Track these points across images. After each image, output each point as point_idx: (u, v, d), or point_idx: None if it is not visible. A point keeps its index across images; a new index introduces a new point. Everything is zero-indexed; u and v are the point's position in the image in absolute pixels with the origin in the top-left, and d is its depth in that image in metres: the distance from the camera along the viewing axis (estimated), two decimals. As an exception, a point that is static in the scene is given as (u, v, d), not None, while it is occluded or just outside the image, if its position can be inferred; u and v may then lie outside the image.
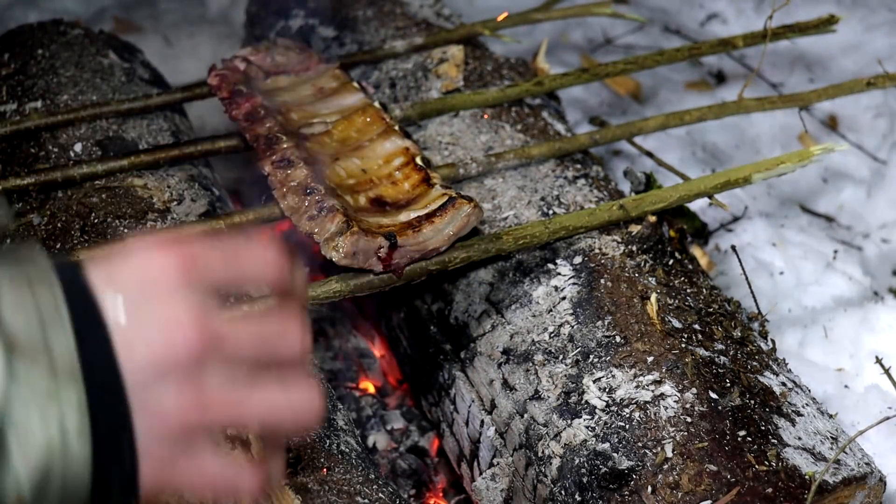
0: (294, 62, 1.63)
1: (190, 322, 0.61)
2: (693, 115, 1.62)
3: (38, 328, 0.58)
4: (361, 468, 1.13)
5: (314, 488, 1.04)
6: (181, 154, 1.47)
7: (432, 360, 1.39)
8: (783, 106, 1.71)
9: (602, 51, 2.54)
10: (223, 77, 1.53)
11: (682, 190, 1.38)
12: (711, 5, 2.73)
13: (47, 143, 1.51)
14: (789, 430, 1.14)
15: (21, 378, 0.57)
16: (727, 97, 2.26)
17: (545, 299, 1.29)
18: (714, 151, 2.18)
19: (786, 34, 1.75)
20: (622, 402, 1.15)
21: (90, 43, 1.77)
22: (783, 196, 2.06)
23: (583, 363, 1.21)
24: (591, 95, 2.32)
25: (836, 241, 1.94)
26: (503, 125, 1.57)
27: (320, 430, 1.15)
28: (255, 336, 0.65)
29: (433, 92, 1.66)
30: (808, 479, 1.08)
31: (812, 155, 1.41)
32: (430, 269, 1.28)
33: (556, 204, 1.41)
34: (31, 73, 1.67)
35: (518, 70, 1.75)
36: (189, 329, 0.61)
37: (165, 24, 2.58)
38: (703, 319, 1.26)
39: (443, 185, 1.33)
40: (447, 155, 1.53)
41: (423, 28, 1.84)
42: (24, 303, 0.59)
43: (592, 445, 1.13)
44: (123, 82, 1.69)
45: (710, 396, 1.15)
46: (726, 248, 1.83)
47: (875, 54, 2.38)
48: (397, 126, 1.45)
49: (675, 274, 1.33)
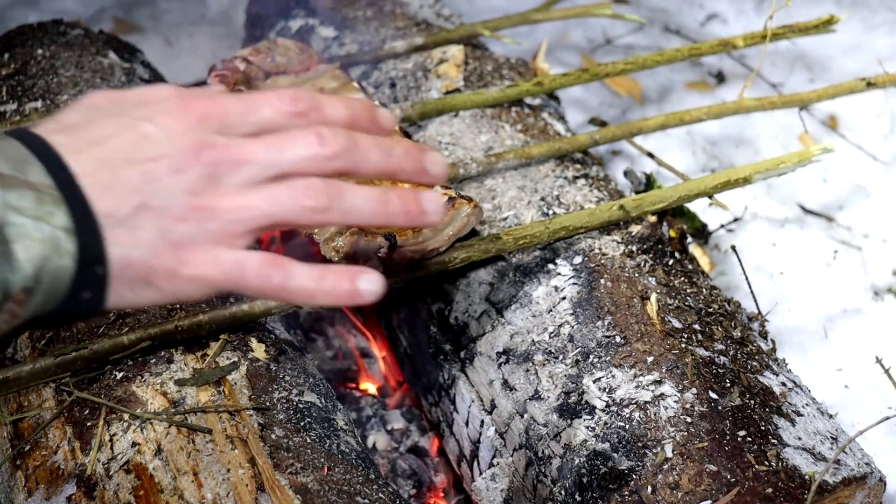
0: (294, 62, 1.63)
1: (201, 140, 0.77)
2: (693, 115, 1.62)
3: (17, 167, 0.70)
4: (361, 468, 1.13)
5: (314, 488, 1.04)
6: (181, 154, 1.47)
7: (432, 360, 1.39)
8: (783, 106, 1.71)
9: (602, 51, 2.54)
10: (223, 77, 1.53)
11: (682, 190, 1.38)
12: (711, 5, 2.73)
13: (47, 143, 1.51)
14: (789, 430, 1.14)
15: (13, 200, 0.69)
16: (727, 97, 2.26)
17: (545, 299, 1.29)
18: (714, 151, 2.18)
19: (786, 34, 1.75)
20: (622, 402, 1.15)
21: (90, 43, 1.77)
22: (783, 196, 2.06)
23: (583, 363, 1.21)
24: (591, 95, 2.32)
25: (836, 241, 1.94)
26: (503, 125, 1.57)
27: (320, 429, 1.15)
28: (266, 150, 0.78)
29: (433, 92, 1.66)
30: (808, 479, 1.08)
31: (812, 155, 1.41)
32: (430, 269, 1.28)
33: (556, 204, 1.41)
34: (31, 73, 1.67)
35: (518, 70, 1.75)
36: (201, 144, 0.77)
37: (165, 24, 2.58)
38: (703, 319, 1.26)
39: (443, 185, 1.33)
40: (447, 155, 1.53)
41: (423, 28, 1.84)
42: None
43: (592, 445, 1.13)
44: (123, 82, 1.69)
45: (710, 396, 1.15)
46: (726, 248, 1.83)
47: (875, 54, 2.38)
48: (397, 126, 1.45)
49: (675, 274, 1.33)
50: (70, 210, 0.72)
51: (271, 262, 0.78)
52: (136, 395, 1.14)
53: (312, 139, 0.80)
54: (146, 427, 1.10)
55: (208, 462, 1.06)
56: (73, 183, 0.72)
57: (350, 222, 0.81)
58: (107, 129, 0.77)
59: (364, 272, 0.80)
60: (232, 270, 0.78)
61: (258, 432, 1.10)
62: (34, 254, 0.70)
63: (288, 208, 0.78)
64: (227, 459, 1.06)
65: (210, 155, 0.77)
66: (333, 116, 0.83)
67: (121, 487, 1.05)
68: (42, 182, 0.71)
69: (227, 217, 0.77)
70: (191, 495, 1.03)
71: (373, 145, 0.83)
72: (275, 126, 0.81)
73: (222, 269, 0.78)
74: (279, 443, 1.09)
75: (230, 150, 0.78)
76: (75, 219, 0.72)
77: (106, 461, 1.08)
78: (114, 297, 0.76)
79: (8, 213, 0.69)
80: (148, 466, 1.07)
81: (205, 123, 0.79)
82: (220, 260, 0.77)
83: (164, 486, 1.04)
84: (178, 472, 1.05)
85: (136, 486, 1.05)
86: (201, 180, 0.77)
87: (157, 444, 1.08)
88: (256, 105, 0.81)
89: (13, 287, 0.70)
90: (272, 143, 0.79)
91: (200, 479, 1.04)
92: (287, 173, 0.79)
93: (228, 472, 1.05)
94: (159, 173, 0.76)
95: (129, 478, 1.06)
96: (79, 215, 0.72)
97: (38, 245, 0.70)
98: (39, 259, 0.70)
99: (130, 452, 1.08)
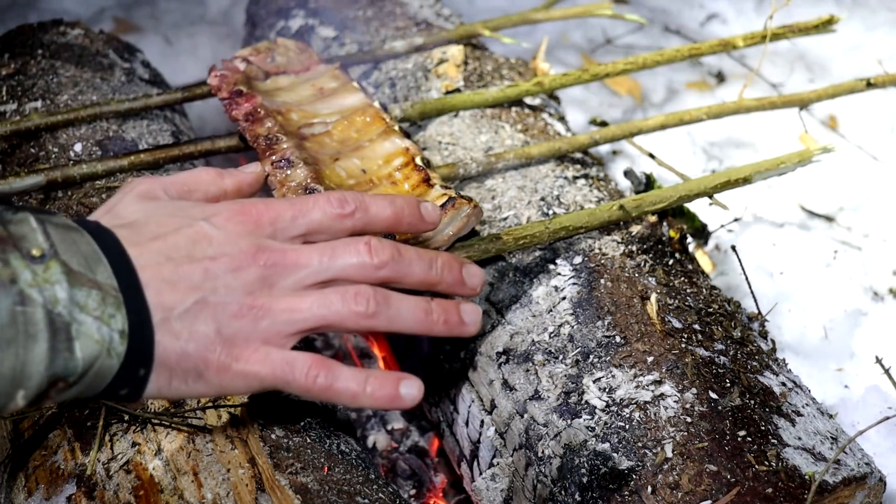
0: (294, 62, 1.63)
1: (257, 244, 0.82)
2: (693, 115, 1.62)
3: (87, 264, 0.74)
4: (361, 468, 1.13)
5: (314, 488, 1.04)
6: (181, 154, 1.48)
7: (432, 361, 1.39)
8: (783, 106, 1.71)
9: (602, 51, 2.54)
10: (223, 77, 1.53)
11: (682, 190, 1.38)
12: (711, 5, 2.73)
13: (47, 143, 1.51)
14: (789, 430, 1.14)
15: (79, 300, 0.73)
16: (727, 97, 2.27)
17: (545, 299, 1.29)
18: (714, 151, 2.18)
19: (786, 34, 1.75)
20: (622, 402, 1.15)
21: (90, 43, 1.77)
22: (783, 196, 2.06)
23: (583, 363, 1.21)
24: (591, 95, 2.32)
25: (836, 241, 1.94)
26: (503, 125, 1.58)
27: (320, 429, 1.15)
28: (319, 256, 0.84)
29: (433, 92, 1.66)
30: (808, 479, 1.08)
31: (812, 155, 1.41)
32: (430, 269, 1.28)
33: (556, 204, 1.41)
34: (31, 73, 1.67)
35: (518, 70, 1.75)
36: (257, 248, 0.82)
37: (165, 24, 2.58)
38: (703, 319, 1.26)
39: (443, 185, 1.33)
40: (447, 155, 1.53)
41: (423, 28, 1.84)
42: (70, 246, 0.74)
43: (592, 445, 1.13)
44: (123, 82, 1.69)
45: (710, 396, 1.15)
46: (726, 248, 1.83)
47: (875, 54, 2.38)
48: (397, 126, 1.45)
49: (675, 274, 1.33)
50: (129, 315, 0.75)
51: (318, 364, 0.84)
52: (136, 395, 1.14)
53: (362, 248, 0.86)
54: (146, 427, 1.10)
55: (208, 462, 1.06)
56: (137, 287, 0.77)
57: (395, 329, 0.87)
58: (169, 227, 0.81)
59: (406, 378, 0.86)
60: (281, 369, 0.83)
61: (258, 432, 1.10)
62: (89, 353, 0.74)
63: (338, 312, 0.84)
64: (227, 459, 1.06)
65: (266, 257, 0.82)
66: (379, 216, 0.90)
67: (121, 487, 1.05)
68: (108, 283, 0.75)
69: (280, 317, 0.82)
70: (191, 495, 1.03)
71: (416, 258, 0.90)
72: (324, 228, 0.88)
73: (272, 367, 0.82)
74: (279, 443, 1.09)
75: (285, 255, 0.84)
76: (131, 324, 0.76)
77: (106, 461, 1.08)
78: (168, 388, 0.80)
79: (74, 311, 0.73)
80: (148, 466, 1.07)
81: (260, 228, 0.84)
82: (271, 358, 0.83)
83: (164, 486, 1.04)
84: (178, 472, 1.05)
85: (136, 486, 1.05)
86: (257, 281, 0.82)
87: (157, 444, 1.08)
88: (306, 209, 0.87)
89: (61, 378, 0.73)
90: (325, 250, 0.85)
91: (200, 478, 1.04)
92: (337, 279, 0.85)
93: (228, 472, 1.05)
94: (218, 271, 0.80)
95: (129, 478, 1.06)
96: (135, 321, 0.76)
97: (96, 345, 0.74)
98: (92, 358, 0.74)
99: (130, 452, 1.08)
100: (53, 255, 0.73)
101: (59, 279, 0.72)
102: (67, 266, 0.73)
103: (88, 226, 0.79)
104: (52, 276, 0.72)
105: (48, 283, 0.72)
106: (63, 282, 0.72)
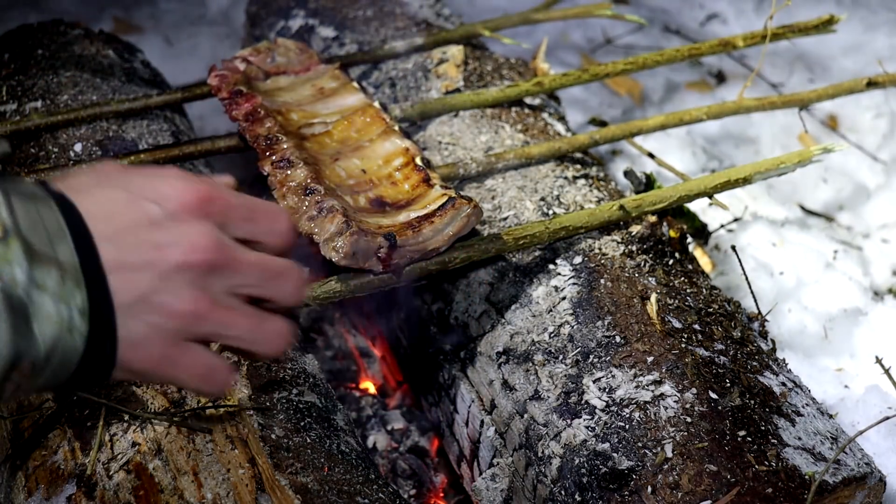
0: (294, 62, 1.63)
1: (209, 237, 0.78)
2: (693, 115, 1.62)
3: (50, 242, 0.73)
4: (361, 468, 1.13)
5: (314, 488, 1.04)
6: (181, 154, 1.48)
7: (432, 360, 1.39)
8: (783, 106, 1.71)
9: (602, 51, 2.54)
10: (223, 77, 1.53)
11: (682, 190, 1.38)
12: (711, 5, 2.73)
13: (47, 143, 1.51)
14: (789, 430, 1.14)
15: (38, 280, 0.72)
16: (727, 97, 2.26)
17: (545, 299, 1.29)
18: (714, 151, 2.18)
19: (786, 34, 1.75)
20: (622, 402, 1.15)
21: (90, 43, 1.77)
22: (783, 196, 2.06)
23: (583, 363, 1.21)
24: (591, 95, 2.32)
25: (836, 241, 1.94)
26: (503, 125, 1.57)
27: (320, 429, 1.15)
28: (260, 269, 0.80)
29: (433, 92, 1.66)
30: (808, 479, 1.08)
31: (812, 155, 1.41)
32: (430, 269, 1.28)
33: (556, 204, 1.41)
34: (31, 73, 1.67)
35: (518, 70, 1.75)
36: (208, 242, 0.77)
37: (165, 24, 2.58)
38: (703, 319, 1.26)
39: (443, 185, 1.33)
40: (447, 155, 1.53)
41: (423, 28, 1.84)
42: (34, 220, 0.73)
43: (592, 445, 1.13)
44: (123, 82, 1.69)
45: (710, 396, 1.15)
46: (726, 248, 1.83)
47: (875, 54, 2.39)
48: (397, 126, 1.45)
49: (675, 274, 1.33)
50: (89, 293, 0.74)
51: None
52: (137, 395, 1.14)
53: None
54: (146, 427, 1.10)
55: (208, 462, 1.06)
56: (98, 266, 0.75)
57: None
58: (123, 205, 0.80)
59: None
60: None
61: (258, 432, 1.10)
62: (50, 333, 0.73)
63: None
64: (228, 459, 1.06)
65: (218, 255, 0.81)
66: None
67: (121, 487, 1.05)
68: (69, 261, 0.74)
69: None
70: (191, 495, 1.03)
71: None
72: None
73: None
74: (279, 443, 1.09)
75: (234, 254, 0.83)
76: (92, 301, 0.74)
77: (106, 461, 1.08)
78: (118, 371, 0.80)
79: (32, 291, 0.72)
80: (148, 466, 1.07)
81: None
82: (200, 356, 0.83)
83: (164, 486, 1.04)
84: (178, 472, 1.05)
85: (136, 485, 1.05)
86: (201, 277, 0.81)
87: (158, 444, 1.08)
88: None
89: (23, 360, 0.72)
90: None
91: (200, 478, 1.04)
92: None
93: (228, 472, 1.05)
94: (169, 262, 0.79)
95: (130, 478, 1.06)
96: (96, 299, 0.75)
97: (55, 326, 0.73)
98: (53, 338, 0.73)
99: (130, 452, 1.08)
100: (16, 232, 0.72)
101: (20, 259, 0.72)
102: (29, 244, 0.72)
103: (55, 196, 0.77)
104: (12, 256, 0.71)
105: (7, 262, 0.71)
106: (23, 262, 0.72)
